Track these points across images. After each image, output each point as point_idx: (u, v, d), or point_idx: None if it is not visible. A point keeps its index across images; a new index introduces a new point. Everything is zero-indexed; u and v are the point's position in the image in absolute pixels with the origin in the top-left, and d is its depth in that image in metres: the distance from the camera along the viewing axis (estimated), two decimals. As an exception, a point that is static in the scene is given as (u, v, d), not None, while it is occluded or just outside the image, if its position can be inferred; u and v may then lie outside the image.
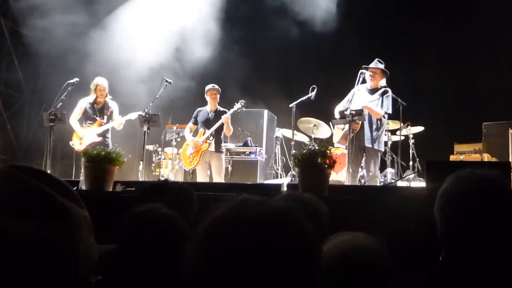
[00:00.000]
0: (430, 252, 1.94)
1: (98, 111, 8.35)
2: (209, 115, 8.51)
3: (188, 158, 8.47)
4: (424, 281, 1.70)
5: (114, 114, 8.42)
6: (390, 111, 7.45)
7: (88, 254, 0.96)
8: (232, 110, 8.39)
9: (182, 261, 1.09)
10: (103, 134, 8.29)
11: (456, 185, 1.69)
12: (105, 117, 8.35)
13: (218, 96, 8.56)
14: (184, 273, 1.09)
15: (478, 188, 1.64)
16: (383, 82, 7.61)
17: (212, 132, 8.35)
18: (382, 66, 7.61)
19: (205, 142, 8.34)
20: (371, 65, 7.60)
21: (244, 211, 1.09)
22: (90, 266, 0.97)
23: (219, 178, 8.38)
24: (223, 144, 8.71)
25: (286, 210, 1.11)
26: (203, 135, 8.40)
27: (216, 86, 8.58)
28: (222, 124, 8.31)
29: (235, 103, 8.45)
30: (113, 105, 8.48)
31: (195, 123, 8.60)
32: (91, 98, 8.34)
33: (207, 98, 8.53)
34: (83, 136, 8.22)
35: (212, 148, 8.37)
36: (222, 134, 8.52)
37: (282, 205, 1.12)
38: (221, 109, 8.52)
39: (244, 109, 8.58)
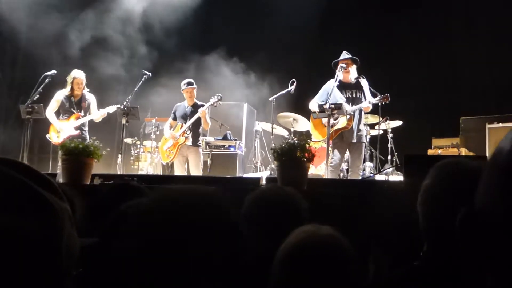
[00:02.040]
0: (409, 246, 1.94)
1: (75, 104, 8.25)
2: (187, 109, 8.46)
3: (166, 152, 8.44)
4: (404, 278, 1.69)
5: (92, 107, 8.33)
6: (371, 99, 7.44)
7: (70, 246, 0.95)
8: (208, 104, 8.37)
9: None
10: (79, 127, 8.21)
11: (439, 180, 1.68)
12: (82, 110, 8.26)
13: (195, 91, 8.52)
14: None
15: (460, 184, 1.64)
16: (355, 73, 7.57)
17: (189, 126, 8.32)
18: (351, 56, 7.58)
19: (182, 136, 8.31)
20: (341, 57, 7.56)
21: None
22: (72, 258, 0.97)
23: (196, 171, 8.36)
24: (201, 138, 8.68)
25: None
26: (180, 128, 8.37)
27: (192, 84, 8.51)
28: (200, 118, 8.29)
29: (212, 97, 8.44)
30: (91, 98, 8.39)
31: (175, 118, 8.54)
32: (67, 90, 8.24)
33: (184, 95, 8.49)
34: (61, 129, 8.12)
35: (190, 142, 8.34)
36: (200, 128, 8.48)
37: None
38: (199, 103, 8.48)
39: (221, 103, 8.56)
